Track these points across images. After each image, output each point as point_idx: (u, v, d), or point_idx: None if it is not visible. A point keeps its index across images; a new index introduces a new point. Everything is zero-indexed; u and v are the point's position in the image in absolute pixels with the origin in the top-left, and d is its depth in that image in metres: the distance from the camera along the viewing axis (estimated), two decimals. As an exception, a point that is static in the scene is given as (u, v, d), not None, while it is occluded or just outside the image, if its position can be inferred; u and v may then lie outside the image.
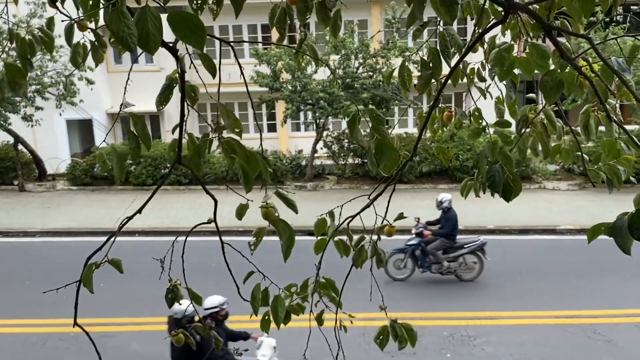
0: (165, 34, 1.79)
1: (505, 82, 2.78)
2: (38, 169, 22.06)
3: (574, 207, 18.13)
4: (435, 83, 3.02)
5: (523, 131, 2.90)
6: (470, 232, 16.31)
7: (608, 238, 2.30)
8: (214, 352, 6.94)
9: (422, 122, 3.07)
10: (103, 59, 2.85)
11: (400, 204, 17.35)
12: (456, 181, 20.91)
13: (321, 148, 22.00)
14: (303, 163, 22.15)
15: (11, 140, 21.06)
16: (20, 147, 21.03)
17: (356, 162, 22.31)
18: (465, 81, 3.49)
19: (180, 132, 2.18)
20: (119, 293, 11.71)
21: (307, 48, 3.06)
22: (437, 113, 3.41)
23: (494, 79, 2.82)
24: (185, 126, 2.18)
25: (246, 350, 7.35)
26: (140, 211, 2.19)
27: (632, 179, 3.11)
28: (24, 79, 2.46)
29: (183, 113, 2.13)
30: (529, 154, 3.07)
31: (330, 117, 20.75)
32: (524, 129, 2.90)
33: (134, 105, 18.33)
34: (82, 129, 25.16)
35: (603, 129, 2.96)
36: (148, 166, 21.01)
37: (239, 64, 2.42)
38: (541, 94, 2.53)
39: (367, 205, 2.77)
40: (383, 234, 3.07)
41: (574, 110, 19.64)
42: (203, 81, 2.23)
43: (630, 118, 23.09)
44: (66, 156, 23.76)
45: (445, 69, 2.75)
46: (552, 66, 2.57)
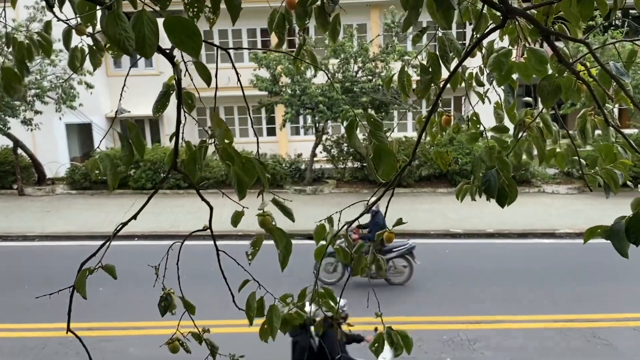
0: (162, 40, 1.78)
1: (503, 87, 2.79)
2: (37, 173, 22.04)
3: (573, 211, 18.12)
4: (434, 87, 3.02)
5: (520, 136, 2.90)
6: (469, 236, 16.33)
7: (607, 241, 2.30)
8: (333, 354, 7.29)
9: (421, 127, 3.06)
10: (101, 63, 2.84)
11: (399, 208, 17.31)
12: (455, 185, 20.88)
13: (320, 152, 21.99)
14: (302, 167, 22.14)
15: (10, 144, 21.04)
16: (19, 151, 21.02)
17: (355, 166, 22.30)
18: (464, 85, 3.49)
19: (176, 139, 2.18)
20: (118, 297, 11.70)
21: (306, 53, 3.06)
22: (436, 117, 3.41)
23: (492, 84, 2.82)
24: (182, 132, 2.17)
25: None
26: (135, 217, 2.18)
27: (629, 184, 3.10)
28: (20, 84, 2.45)
29: (179, 120, 2.12)
30: (525, 158, 3.07)
31: (329, 121, 20.75)
32: (521, 134, 2.90)
33: (129, 111, 18.32)
34: (82, 133, 25.16)
35: (600, 133, 2.96)
36: (147, 170, 20.99)
37: (236, 71, 2.42)
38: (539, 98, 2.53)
39: (366, 210, 2.76)
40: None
41: (573, 114, 19.66)
42: (197, 87, 2.22)
43: (629, 122, 23.12)
44: (65, 160, 23.75)
45: (444, 74, 2.75)
46: (550, 71, 2.57)
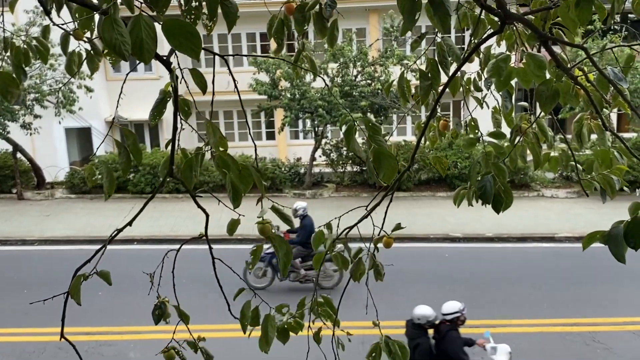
0: (159, 46, 1.77)
1: (501, 92, 2.79)
2: (37, 177, 22.02)
3: (573, 215, 18.11)
4: (433, 92, 3.02)
5: (516, 141, 2.90)
6: (469, 240, 16.32)
7: (606, 246, 2.30)
8: (455, 356, 7.52)
9: (420, 132, 3.06)
10: (98, 68, 2.84)
11: (399, 212, 17.28)
12: (455, 189, 20.81)
13: (320, 156, 21.98)
14: (302, 171, 22.13)
15: (10, 148, 21.02)
16: (19, 156, 21.00)
17: (355, 170, 22.29)
18: (462, 90, 3.48)
19: (172, 146, 2.17)
20: (117, 302, 11.69)
21: (305, 59, 3.05)
22: (434, 122, 3.41)
23: (490, 89, 2.82)
24: (178, 139, 2.16)
25: None
26: (130, 224, 2.18)
27: (626, 189, 3.10)
28: (17, 88, 2.44)
29: (176, 127, 2.11)
30: (522, 163, 3.07)
31: (328, 125, 20.74)
32: (517, 139, 2.90)
33: (126, 119, 18.33)
34: (81, 137, 25.14)
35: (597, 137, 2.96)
36: (147, 174, 20.97)
37: (233, 78, 2.41)
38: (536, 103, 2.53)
39: (365, 216, 2.75)
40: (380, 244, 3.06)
41: (572, 117, 19.66)
42: (195, 91, 2.22)
43: (628, 126, 23.13)
44: (65, 164, 23.73)
45: (443, 79, 2.75)
46: (548, 76, 2.57)
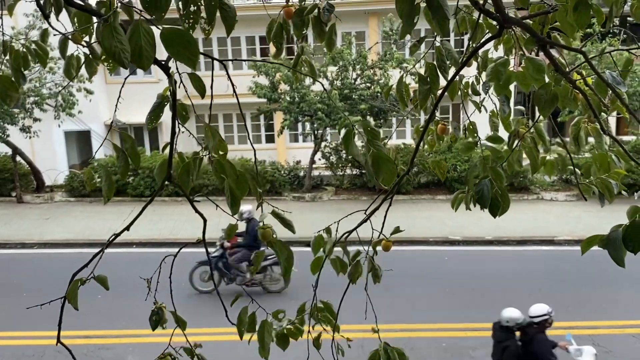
0: (158, 50, 1.78)
1: (498, 96, 2.79)
2: (36, 181, 22.01)
3: (572, 218, 18.12)
4: (432, 96, 3.02)
5: (514, 146, 2.91)
6: (468, 243, 16.31)
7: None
8: (543, 358, 7.58)
9: (419, 137, 3.06)
10: (96, 72, 2.85)
11: (398, 215, 17.27)
12: (454, 192, 20.81)
13: (319, 159, 21.99)
14: (301, 174, 22.12)
15: (9, 151, 21.03)
16: (18, 159, 21.00)
17: (354, 173, 22.29)
18: (461, 94, 3.49)
19: (170, 150, 2.17)
20: (116, 305, 11.68)
21: (304, 63, 3.06)
22: (433, 126, 3.41)
23: (488, 93, 2.82)
24: (176, 143, 2.16)
25: None
26: (128, 228, 2.18)
27: (624, 193, 3.11)
28: (16, 92, 2.45)
29: (174, 131, 2.12)
30: (522, 166, 3.07)
31: (328, 128, 20.76)
32: (515, 144, 2.91)
33: (124, 122, 18.35)
34: (80, 140, 25.13)
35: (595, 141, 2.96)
36: (146, 177, 20.96)
37: (232, 83, 2.41)
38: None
39: (364, 220, 2.75)
40: (380, 247, 3.06)
41: (571, 121, 19.67)
42: (194, 95, 2.22)
43: (627, 129, 23.14)
44: (64, 167, 23.71)
45: (442, 83, 2.75)
46: (547, 80, 2.58)
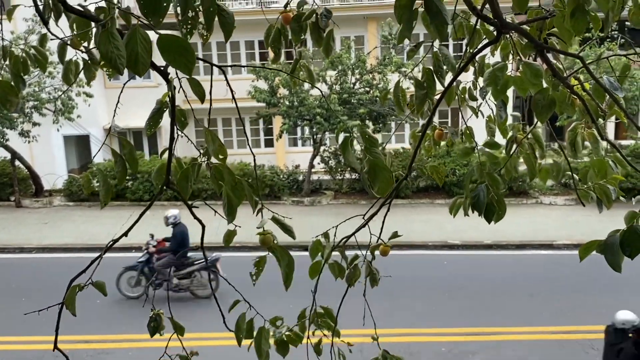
0: (157, 56, 1.78)
1: (495, 102, 2.80)
2: (35, 185, 22.00)
3: (571, 222, 18.12)
4: (429, 101, 3.02)
5: (512, 152, 2.91)
6: (467, 248, 16.30)
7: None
8: None
9: (416, 142, 3.07)
10: (95, 77, 2.85)
11: (397, 219, 17.26)
12: (453, 196, 20.82)
13: (318, 163, 21.99)
14: (300, 178, 22.13)
15: (8, 156, 21.02)
16: (17, 163, 21.00)
17: (353, 177, 22.29)
18: (458, 99, 3.49)
19: (169, 155, 2.17)
20: (115, 310, 11.67)
21: (303, 68, 3.06)
22: (430, 131, 3.41)
23: (485, 98, 2.83)
24: (174, 148, 2.16)
25: None
26: (126, 234, 2.18)
27: (622, 199, 3.12)
28: (16, 97, 2.45)
29: (172, 137, 2.12)
30: (520, 170, 3.07)
31: (327, 133, 20.78)
32: (513, 150, 2.91)
33: (123, 127, 18.36)
34: (79, 145, 25.13)
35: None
36: (145, 182, 20.95)
37: (230, 88, 2.42)
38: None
39: (362, 226, 2.75)
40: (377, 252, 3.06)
41: (569, 125, 19.72)
42: (193, 99, 2.22)
43: (625, 133, 23.18)
44: (63, 172, 23.71)
45: (439, 87, 2.75)
46: (544, 85, 2.58)
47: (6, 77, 2.76)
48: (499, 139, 3.10)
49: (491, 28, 2.88)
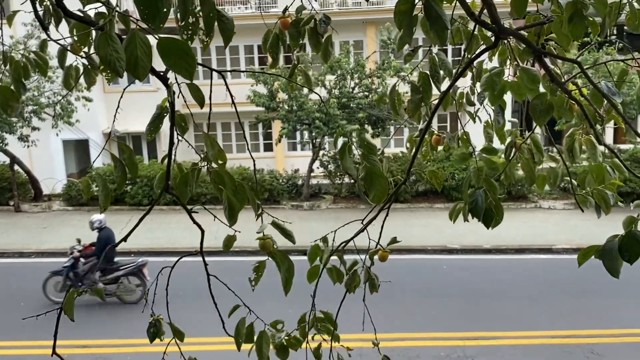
0: (157, 60, 1.78)
1: (493, 107, 2.80)
2: (34, 190, 21.97)
3: (570, 227, 18.11)
4: (425, 105, 3.03)
5: (511, 157, 2.91)
6: (467, 252, 16.29)
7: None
8: None
9: (413, 147, 3.07)
10: (95, 82, 2.86)
11: (396, 224, 17.25)
12: (452, 200, 20.88)
13: (317, 167, 21.99)
14: (299, 182, 22.13)
15: (7, 160, 21.01)
16: (16, 168, 20.98)
17: (352, 182, 22.28)
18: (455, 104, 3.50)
19: (169, 161, 2.17)
20: (114, 314, 11.65)
21: (300, 73, 3.07)
22: (427, 136, 3.41)
23: (483, 104, 2.83)
24: (175, 153, 2.16)
25: None
26: (125, 239, 2.17)
27: (620, 204, 3.13)
28: (17, 102, 2.45)
29: (172, 142, 2.12)
30: (519, 174, 3.07)
31: (326, 137, 20.79)
32: (512, 155, 2.91)
33: (122, 132, 18.36)
34: (78, 149, 25.11)
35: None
36: (144, 186, 20.93)
37: (230, 93, 2.42)
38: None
39: (360, 231, 2.75)
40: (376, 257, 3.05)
41: (568, 129, 19.72)
42: (192, 104, 2.22)
43: (624, 137, 23.19)
44: (62, 176, 23.68)
45: (436, 92, 2.76)
46: (542, 90, 2.59)
47: (6, 82, 2.77)
48: (497, 145, 3.11)
49: (489, 33, 2.89)
